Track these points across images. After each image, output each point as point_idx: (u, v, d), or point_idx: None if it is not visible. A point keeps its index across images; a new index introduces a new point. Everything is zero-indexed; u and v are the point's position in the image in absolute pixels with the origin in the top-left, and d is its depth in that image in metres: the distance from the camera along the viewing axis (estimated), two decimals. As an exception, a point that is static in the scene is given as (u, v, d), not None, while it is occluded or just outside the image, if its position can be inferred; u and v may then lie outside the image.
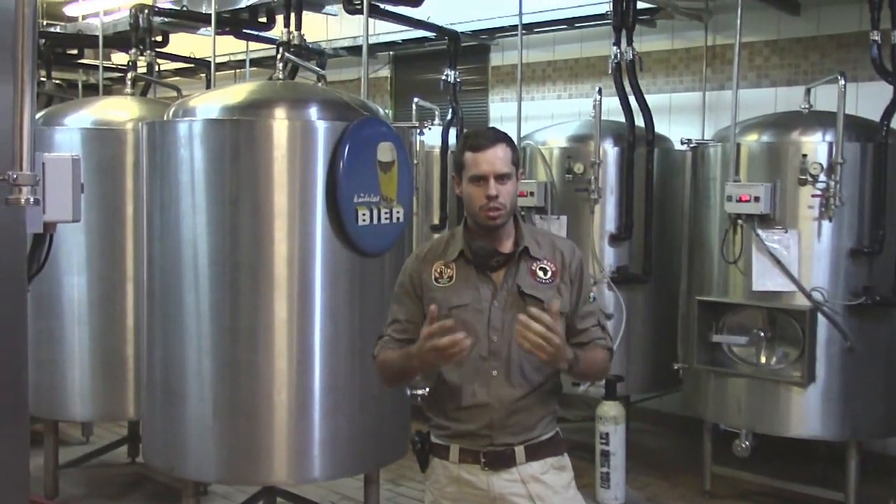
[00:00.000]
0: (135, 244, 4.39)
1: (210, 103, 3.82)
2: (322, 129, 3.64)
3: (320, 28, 8.00)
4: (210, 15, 5.69)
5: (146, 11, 5.74)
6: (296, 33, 4.66)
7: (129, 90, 5.04)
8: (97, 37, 6.60)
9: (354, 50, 7.48)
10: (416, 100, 5.98)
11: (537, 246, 2.62)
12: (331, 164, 3.57)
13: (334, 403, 3.71)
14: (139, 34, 5.71)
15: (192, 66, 8.42)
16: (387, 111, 8.30)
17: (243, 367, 3.63)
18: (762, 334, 4.74)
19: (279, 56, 4.15)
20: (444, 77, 6.43)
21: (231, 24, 6.44)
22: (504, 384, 2.55)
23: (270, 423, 3.65)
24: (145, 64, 5.78)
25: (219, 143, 3.64)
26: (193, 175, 3.65)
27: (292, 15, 4.82)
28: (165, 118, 3.87)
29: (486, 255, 2.58)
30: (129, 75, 5.11)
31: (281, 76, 4.10)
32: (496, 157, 2.53)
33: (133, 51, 5.67)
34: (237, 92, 3.92)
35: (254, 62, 8.03)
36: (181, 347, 3.70)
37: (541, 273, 2.58)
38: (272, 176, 3.60)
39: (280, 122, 3.64)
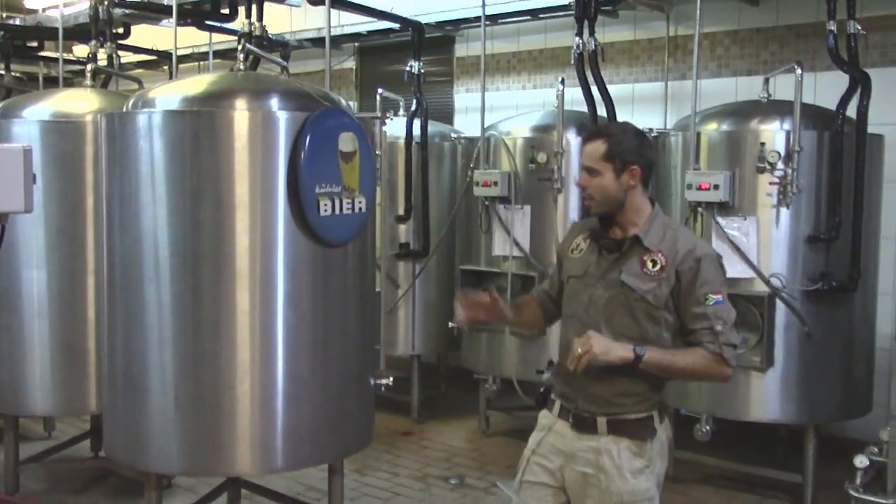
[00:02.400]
0: (95, 237, 4.34)
1: (170, 94, 3.79)
2: (283, 119, 3.63)
3: (284, 19, 7.97)
4: (171, 6, 5.65)
5: (106, 3, 5.68)
6: (257, 24, 4.65)
7: (88, 82, 4.98)
8: (57, 29, 6.52)
9: (319, 42, 7.45)
10: (380, 91, 5.98)
11: (657, 239, 2.77)
12: (292, 154, 3.56)
13: (297, 394, 3.71)
14: (99, 26, 5.65)
15: (154, 58, 8.36)
16: (352, 103, 8.29)
17: (205, 358, 3.62)
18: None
19: (240, 47, 4.12)
20: (408, 68, 6.43)
21: (193, 15, 6.40)
22: None
23: (233, 415, 3.64)
24: (106, 56, 5.71)
25: (179, 134, 3.61)
26: (153, 167, 3.62)
27: (254, 6, 4.79)
28: (125, 110, 3.83)
29: (597, 235, 2.86)
30: (89, 67, 5.05)
31: (242, 67, 4.08)
32: (586, 152, 2.80)
33: (93, 42, 5.61)
34: (197, 83, 3.89)
35: (217, 54, 7.98)
36: (142, 340, 3.68)
37: (650, 264, 2.73)
38: (233, 167, 3.58)
39: (241, 113, 3.62)
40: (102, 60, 5.79)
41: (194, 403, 3.63)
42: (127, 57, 8.49)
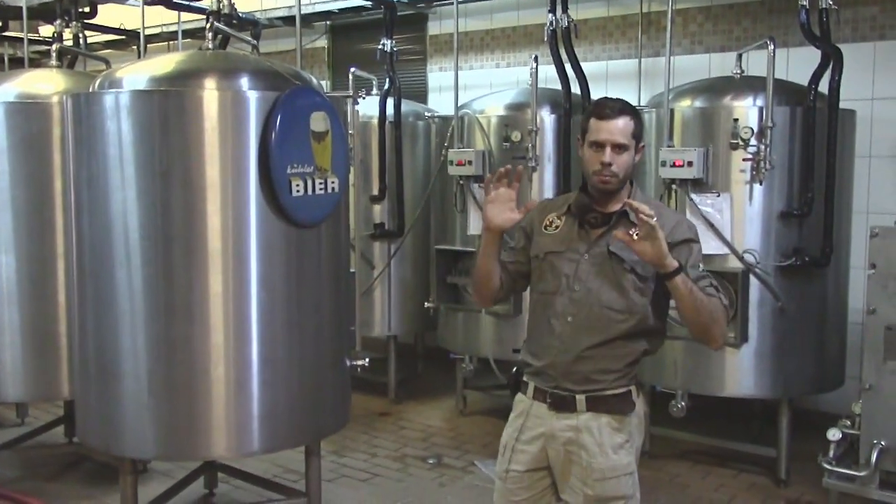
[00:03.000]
0: (65, 221, 4.27)
1: (137, 74, 3.72)
2: (253, 99, 3.57)
3: (255, -3, 7.88)
4: (138, -16, 5.54)
5: (71, -20, 5.57)
6: (226, 2, 4.57)
7: (54, 62, 4.88)
8: (21, 8, 6.37)
9: (290, 20, 7.32)
10: (352, 70, 5.91)
11: None
12: (263, 134, 3.51)
13: (272, 376, 3.69)
14: (64, 4, 5.54)
15: (122, 38, 8.21)
16: (324, 82, 8.21)
17: (178, 342, 3.58)
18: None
19: (208, 25, 4.05)
20: (380, 46, 6.37)
21: (161, -7, 6.27)
22: (575, 332, 2.76)
23: (208, 398, 3.61)
24: (72, 36, 5.60)
25: (147, 114, 3.55)
26: (122, 148, 3.56)
27: (222, -17, 4.71)
28: (91, 90, 3.76)
29: (583, 209, 2.81)
30: (55, 47, 4.95)
31: (210, 46, 4.01)
32: (616, 128, 2.72)
33: (58, 22, 5.50)
34: (166, 62, 3.82)
35: (187, 34, 7.84)
36: (114, 325, 3.63)
37: (635, 237, 2.67)
38: (203, 148, 3.53)
39: (210, 93, 3.57)
40: (69, 40, 5.68)
41: (168, 388, 3.59)
42: (95, 37, 8.35)
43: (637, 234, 2.60)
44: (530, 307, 2.98)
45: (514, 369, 3.07)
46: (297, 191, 3.55)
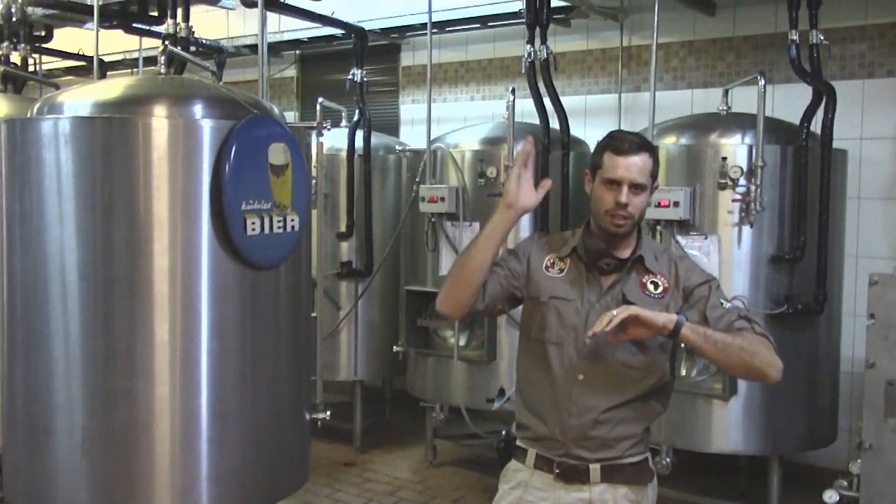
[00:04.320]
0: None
1: (80, 99, 3.39)
2: (207, 128, 3.25)
3: (221, 25, 7.60)
4: (93, 7, 5.22)
5: (20, 1, 5.23)
6: (183, 25, 4.26)
7: (-2, 87, 4.55)
8: (-31, 30, 6.03)
9: (257, 48, 7.07)
10: (320, 100, 5.63)
11: (654, 259, 2.51)
12: (216, 167, 3.19)
13: (223, 432, 3.33)
14: (12, 26, 5.20)
15: (83, 64, 7.88)
16: (293, 113, 7.94)
17: (119, 395, 3.22)
18: (683, 346, 4.55)
19: (161, 49, 3.74)
20: (350, 76, 6.10)
21: (119, 17, 5.96)
22: (588, 392, 2.48)
23: (150, 457, 3.25)
24: (20, 59, 5.27)
25: (88, 143, 3.21)
26: (60, 180, 3.22)
27: (179, 6, 4.40)
28: (29, 115, 3.43)
29: (597, 254, 2.52)
30: (-1, 70, 4.63)
31: (164, 72, 3.71)
32: (635, 166, 2.45)
33: (5, 44, 5.16)
34: (113, 87, 3.50)
35: (150, 61, 7.54)
36: (46, 374, 3.27)
37: (651, 286, 2.48)
38: (150, 181, 3.20)
39: (159, 121, 3.24)
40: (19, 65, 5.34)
41: (105, 445, 3.22)
42: (54, 63, 8.03)
43: (649, 291, 2.44)
44: (521, 356, 2.65)
45: (504, 432, 2.75)
46: (253, 229, 3.22)
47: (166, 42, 4.07)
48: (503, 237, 2.52)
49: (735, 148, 4.46)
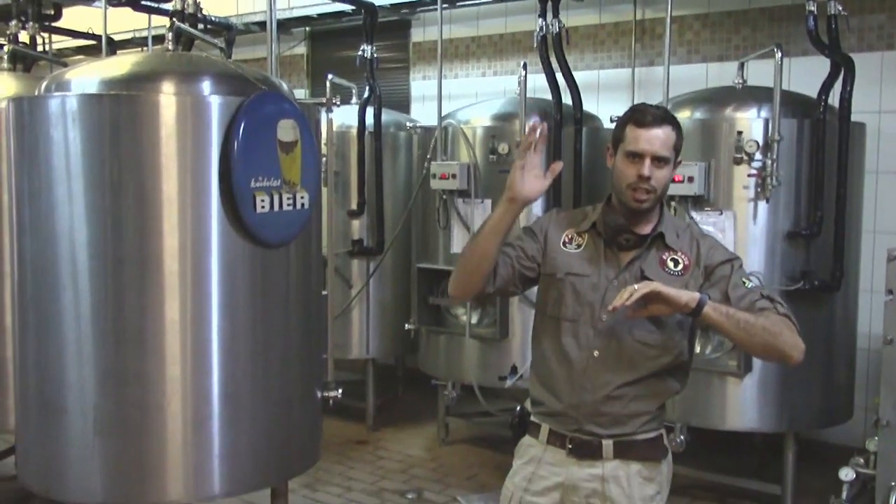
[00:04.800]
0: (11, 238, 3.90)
1: (88, 76, 3.35)
2: (216, 104, 3.21)
3: (231, 2, 7.54)
4: (101, -17, 5.19)
5: (27, -21, 5.20)
6: (190, 1, 4.20)
7: (5, 65, 4.51)
8: (-22, 9, 6.00)
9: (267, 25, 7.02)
10: (329, 77, 5.57)
11: (675, 236, 2.46)
12: (224, 144, 3.16)
13: (234, 412, 3.32)
14: (20, 5, 5.16)
15: (93, 42, 7.83)
16: (303, 90, 7.88)
17: (130, 375, 3.20)
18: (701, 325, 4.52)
19: (169, 25, 3.70)
20: (360, 53, 6.04)
21: (127, -6, 5.90)
22: (603, 368, 2.45)
23: (162, 437, 3.24)
24: (28, 38, 5.23)
25: (96, 121, 3.18)
26: (68, 159, 3.19)
27: (187, -20, 4.34)
28: (36, 93, 3.41)
29: (617, 230, 2.48)
30: (6, 48, 4.58)
31: (171, 48, 3.66)
32: (658, 138, 2.40)
33: (13, 23, 5.12)
34: (120, 64, 3.47)
35: (159, 39, 7.49)
36: (58, 354, 3.26)
37: (671, 264, 2.43)
38: (159, 159, 3.16)
39: (167, 98, 3.21)
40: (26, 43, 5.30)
41: (117, 425, 3.21)
42: (65, 42, 8.00)
43: (669, 268, 2.41)
44: (537, 333, 2.62)
45: (518, 408, 2.72)
46: (263, 207, 3.19)
47: (174, 18, 4.01)
48: (508, 228, 2.49)
49: (751, 122, 4.39)
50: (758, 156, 4.31)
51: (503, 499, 2.64)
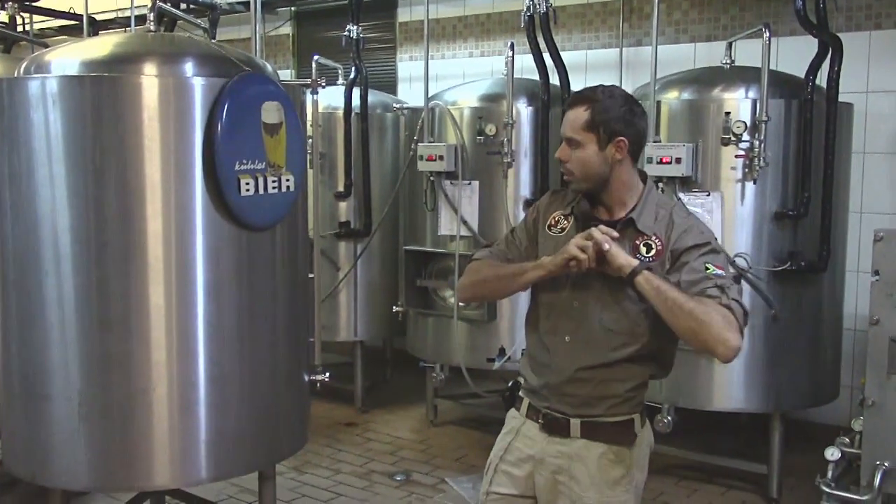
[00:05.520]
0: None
1: (68, 57, 3.30)
2: (198, 86, 3.17)
3: (214, -19, 7.44)
4: (82, -37, 5.10)
5: (7, -42, 5.12)
6: (173, -20, 4.15)
7: (-16, 46, 4.45)
8: (-43, -11, 5.91)
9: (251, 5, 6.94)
10: (315, 57, 5.52)
11: (652, 221, 2.42)
12: (208, 127, 3.12)
13: (221, 396, 3.30)
14: (-1, -16, 5.09)
15: (75, 22, 7.74)
16: (288, 71, 7.81)
17: (115, 360, 3.17)
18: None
19: (150, 4, 3.64)
20: (346, 33, 5.98)
21: (109, -27, 5.83)
22: (571, 351, 2.49)
23: (148, 422, 3.21)
24: (7, 17, 5.15)
25: (77, 103, 3.13)
26: (49, 141, 3.14)
27: (169, -40, 4.29)
28: (15, 75, 3.35)
29: (585, 218, 2.51)
30: (-15, 29, 4.52)
31: (153, 29, 3.60)
32: (568, 120, 2.47)
33: (-8, 3, 5.05)
34: (102, 45, 3.42)
35: (142, 20, 7.40)
36: (42, 340, 3.22)
37: (644, 249, 2.41)
38: (141, 142, 3.12)
39: (149, 79, 3.16)
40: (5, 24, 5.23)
41: (102, 411, 3.18)
42: (46, 22, 7.90)
43: (641, 254, 2.38)
44: (528, 315, 2.66)
45: (511, 382, 2.78)
46: (247, 190, 3.16)
47: (156, -2, 3.95)
48: (527, 288, 2.61)
49: (738, 102, 4.38)
50: (745, 136, 4.30)
51: (487, 465, 2.71)
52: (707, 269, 2.37)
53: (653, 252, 2.42)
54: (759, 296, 4.37)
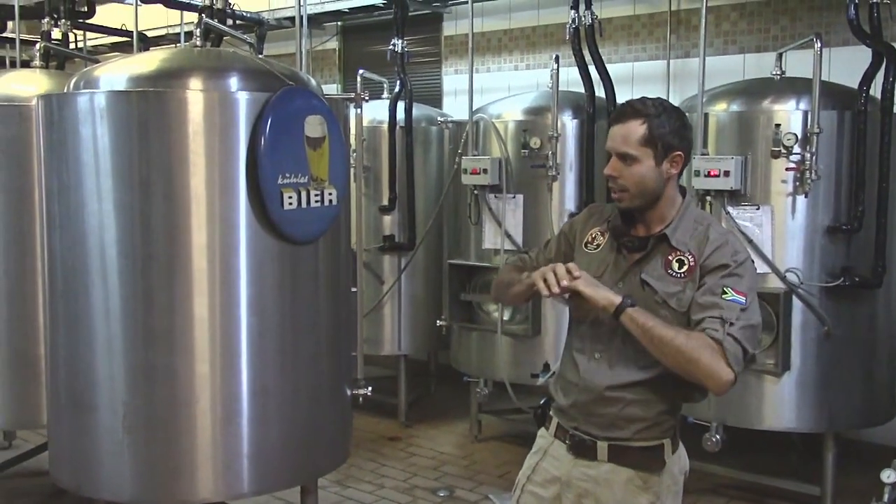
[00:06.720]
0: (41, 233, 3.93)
1: (116, 73, 3.36)
2: (243, 100, 3.20)
3: (262, -4, 7.55)
4: (132, -20, 5.19)
5: (60, -24, 5.22)
6: (220, -3, 4.20)
7: (37, 63, 4.54)
8: (13, 7, 6.05)
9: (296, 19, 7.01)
10: (360, 71, 5.54)
11: (687, 237, 2.36)
12: (251, 140, 3.14)
13: (263, 410, 3.31)
14: (53, 3, 5.19)
15: (127, 39, 7.88)
16: (334, 86, 7.87)
17: (159, 372, 3.21)
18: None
19: (197, 21, 3.68)
20: (391, 47, 6.00)
21: (158, -9, 5.93)
22: (600, 370, 2.43)
23: (192, 435, 3.24)
24: (61, 35, 5.26)
25: (124, 117, 3.19)
26: (97, 155, 3.20)
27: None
28: (65, 90, 3.41)
29: (617, 234, 2.48)
30: (38, 46, 4.61)
31: (199, 44, 3.65)
32: (618, 135, 2.38)
33: (46, 20, 5.16)
34: (148, 60, 3.47)
35: (192, 35, 7.51)
36: (88, 351, 3.27)
37: (676, 265, 2.36)
38: (186, 155, 3.16)
39: (194, 94, 3.20)
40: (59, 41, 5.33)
41: (147, 423, 3.22)
42: (99, 39, 8.06)
43: (672, 269, 2.34)
44: (568, 329, 2.62)
45: (543, 400, 2.73)
46: (290, 203, 3.17)
47: (202, 14, 4.01)
48: (518, 300, 2.77)
49: (789, 114, 4.28)
50: (796, 149, 4.21)
51: (515, 484, 2.66)
52: (724, 293, 2.29)
53: (685, 268, 2.36)
54: (811, 312, 4.25)
